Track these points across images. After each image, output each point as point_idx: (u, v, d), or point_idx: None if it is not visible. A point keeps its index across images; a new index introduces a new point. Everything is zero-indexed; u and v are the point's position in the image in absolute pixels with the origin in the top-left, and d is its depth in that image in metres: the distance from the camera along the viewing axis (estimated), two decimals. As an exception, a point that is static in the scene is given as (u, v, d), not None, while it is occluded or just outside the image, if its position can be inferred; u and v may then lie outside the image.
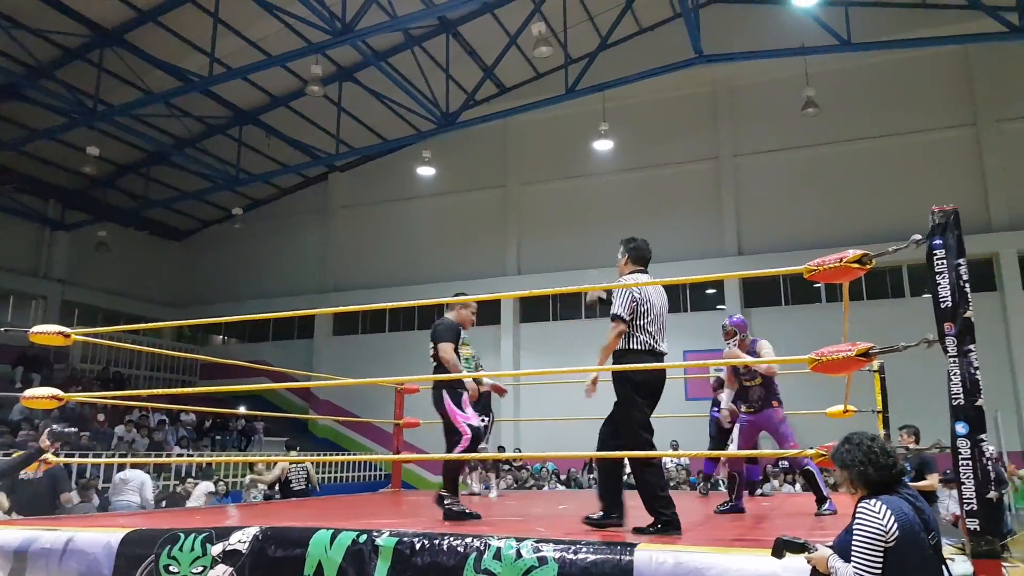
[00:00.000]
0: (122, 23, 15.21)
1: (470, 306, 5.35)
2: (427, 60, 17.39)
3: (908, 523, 2.40)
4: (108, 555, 4.05)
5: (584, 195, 20.14)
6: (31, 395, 5.12)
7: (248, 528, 3.93)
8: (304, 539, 3.70)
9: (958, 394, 3.16)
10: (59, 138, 17.49)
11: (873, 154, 17.56)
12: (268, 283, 23.22)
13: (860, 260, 3.47)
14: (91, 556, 4.09)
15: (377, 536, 3.56)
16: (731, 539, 3.92)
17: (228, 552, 3.84)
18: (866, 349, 3.40)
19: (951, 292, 3.27)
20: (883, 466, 2.51)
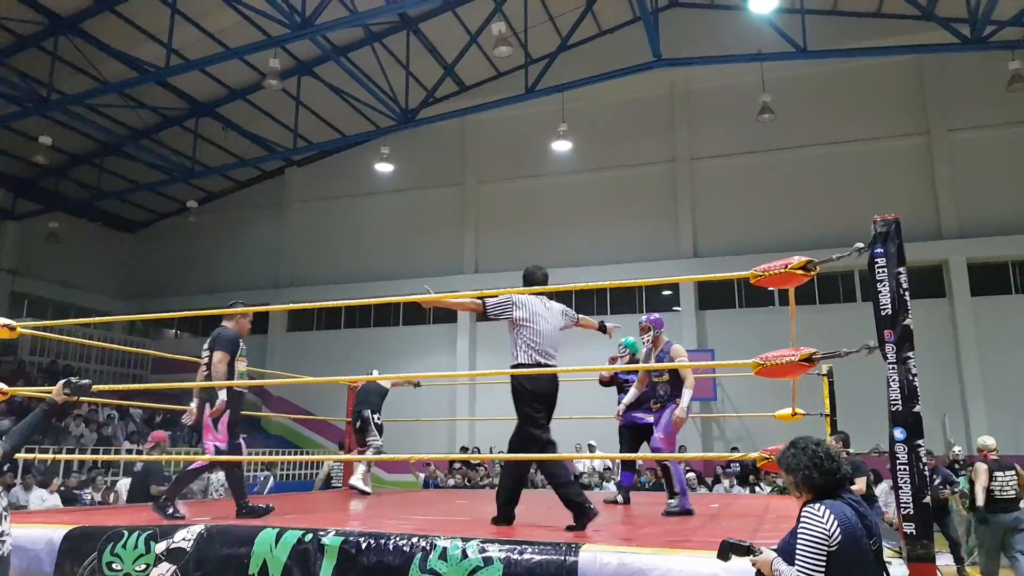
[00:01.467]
0: (78, 11, 14.80)
1: (248, 316, 5.45)
2: (387, 56, 17.28)
3: (851, 528, 2.45)
4: (50, 552, 3.99)
5: (542, 194, 20.22)
6: (-28, 388, 4.97)
7: (193, 526, 3.89)
8: (249, 537, 3.67)
9: (896, 400, 3.24)
10: (11, 126, 16.95)
11: (827, 160, 17.95)
12: (222, 277, 22.80)
13: (805, 267, 3.55)
14: (32, 553, 4.03)
15: (323, 535, 3.55)
16: (675, 540, 3.98)
17: (172, 550, 3.79)
18: (809, 354, 3.48)
19: (891, 300, 3.34)
20: (828, 471, 2.56)
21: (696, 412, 17.36)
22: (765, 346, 4.11)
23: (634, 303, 19.03)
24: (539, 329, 4.67)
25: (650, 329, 5.80)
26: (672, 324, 18.54)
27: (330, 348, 20.56)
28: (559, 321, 4.90)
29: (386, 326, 20.97)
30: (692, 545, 3.60)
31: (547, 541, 3.33)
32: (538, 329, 4.67)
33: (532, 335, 4.64)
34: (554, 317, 4.86)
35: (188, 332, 24.14)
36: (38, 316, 20.53)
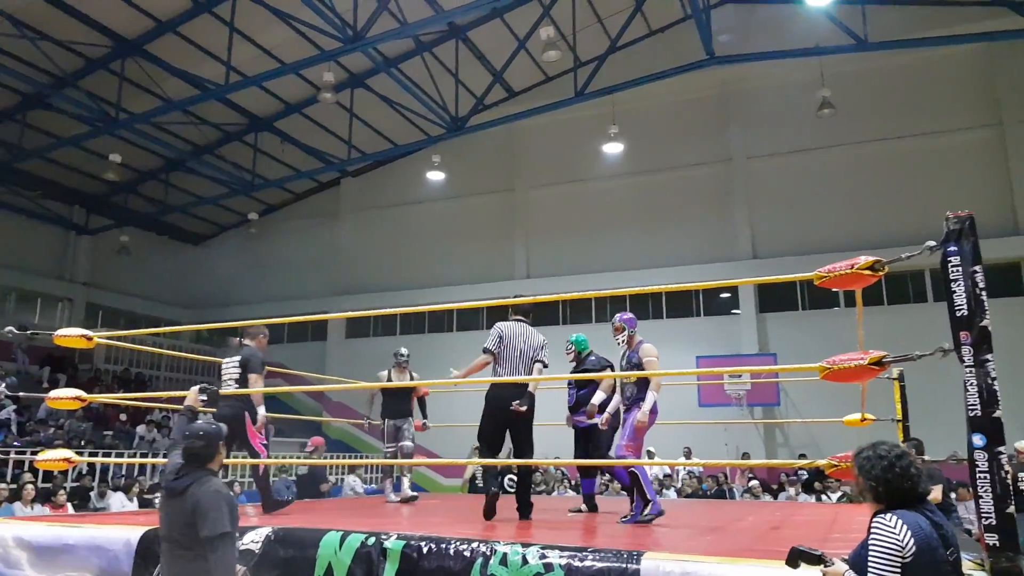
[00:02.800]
0: (142, 33, 15.41)
1: (265, 332, 6.31)
2: (437, 65, 17.46)
3: (925, 538, 2.35)
4: (128, 552, 4.14)
5: (593, 199, 20.09)
6: (56, 396, 5.24)
7: (261, 528, 3.98)
8: (315, 540, 3.74)
9: (975, 405, 3.11)
10: (83, 145, 17.74)
11: (891, 156, 17.35)
12: (282, 286, 23.38)
13: (872, 267, 3.44)
14: (111, 553, 4.19)
15: (385, 539, 3.60)
16: (740, 549, 3.89)
17: (241, 551, 3.89)
18: (879, 358, 3.37)
19: (967, 300, 3.22)
20: (902, 487, 2.46)
21: (759, 418, 17.01)
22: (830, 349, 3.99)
23: (691, 307, 18.75)
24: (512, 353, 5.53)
25: (623, 329, 5.65)
26: (731, 328, 18.23)
27: (386, 354, 20.80)
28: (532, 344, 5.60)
29: (440, 332, 21.15)
30: (757, 554, 3.51)
31: (609, 548, 3.29)
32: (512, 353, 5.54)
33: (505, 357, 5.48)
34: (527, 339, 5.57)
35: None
36: (111, 326, 21.39)
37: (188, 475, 3.30)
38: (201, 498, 3.17)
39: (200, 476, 3.29)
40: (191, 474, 3.30)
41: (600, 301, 19.22)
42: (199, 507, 3.15)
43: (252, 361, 5.81)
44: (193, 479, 3.27)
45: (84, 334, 5.31)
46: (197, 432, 3.36)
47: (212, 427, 3.44)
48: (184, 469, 3.33)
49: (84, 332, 5.33)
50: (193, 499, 3.18)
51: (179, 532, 3.21)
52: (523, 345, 5.43)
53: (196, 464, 3.33)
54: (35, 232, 20.59)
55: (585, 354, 6.42)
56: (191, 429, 3.41)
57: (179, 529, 3.21)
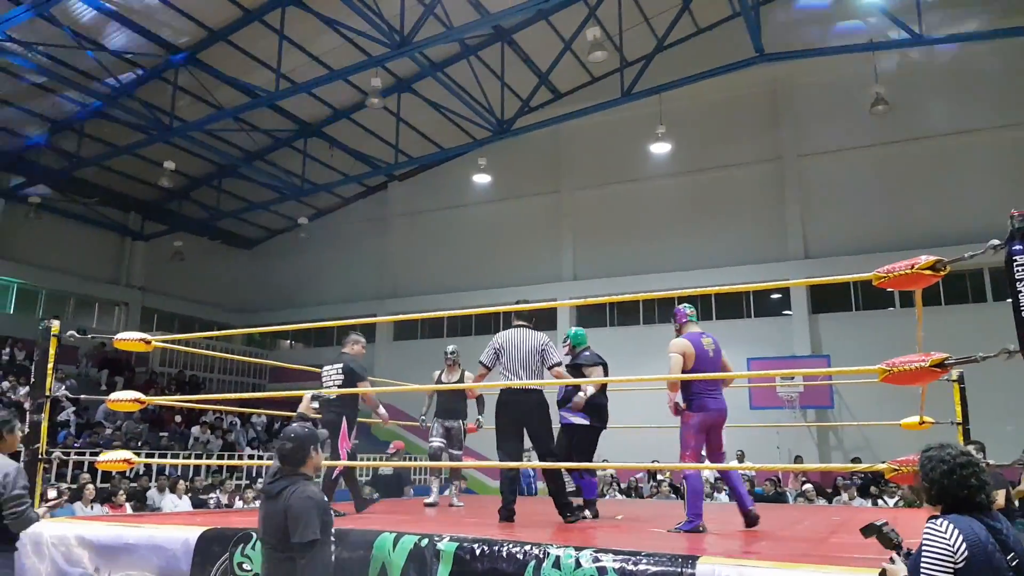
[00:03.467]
0: (195, 43, 15.85)
1: (361, 341, 6.49)
2: (482, 69, 17.55)
3: (979, 544, 2.29)
4: (186, 551, 4.24)
5: (640, 199, 19.93)
6: (115, 398, 5.39)
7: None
8: (368, 541, 3.78)
9: (1040, 407, 3.01)
10: (138, 153, 18.31)
11: (948, 152, 16.81)
12: (331, 289, 23.76)
13: (933, 267, 3.34)
14: (170, 552, 4.28)
15: (439, 540, 3.62)
16: (796, 555, 3.81)
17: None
18: (941, 360, 3.27)
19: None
20: (956, 495, 2.40)
21: (812, 420, 16.64)
22: (884, 351, 3.89)
23: (741, 308, 18.45)
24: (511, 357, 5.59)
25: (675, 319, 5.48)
26: (783, 329, 17.88)
27: (434, 356, 20.95)
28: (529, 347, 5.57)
29: (487, 334, 21.15)
30: (813, 559, 3.43)
31: (663, 553, 3.26)
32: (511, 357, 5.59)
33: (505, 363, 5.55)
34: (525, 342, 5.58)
35: (301, 343, 25.26)
36: (166, 330, 22.00)
37: (283, 478, 3.34)
38: (293, 504, 3.20)
39: (295, 480, 3.32)
40: (286, 478, 3.34)
41: (648, 303, 19.05)
42: (291, 513, 3.19)
43: (358, 370, 6.08)
44: (287, 483, 3.31)
45: (143, 338, 5.45)
46: (289, 435, 3.41)
47: (304, 430, 3.47)
48: (279, 472, 3.38)
49: (143, 336, 5.48)
50: (286, 504, 3.22)
51: (272, 535, 3.27)
52: (525, 348, 5.48)
53: (290, 467, 3.37)
54: (92, 238, 21.37)
55: (580, 349, 6.24)
56: (284, 432, 3.47)
57: (272, 532, 3.27)
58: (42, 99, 16.77)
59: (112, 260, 22.15)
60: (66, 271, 20.47)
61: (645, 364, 18.47)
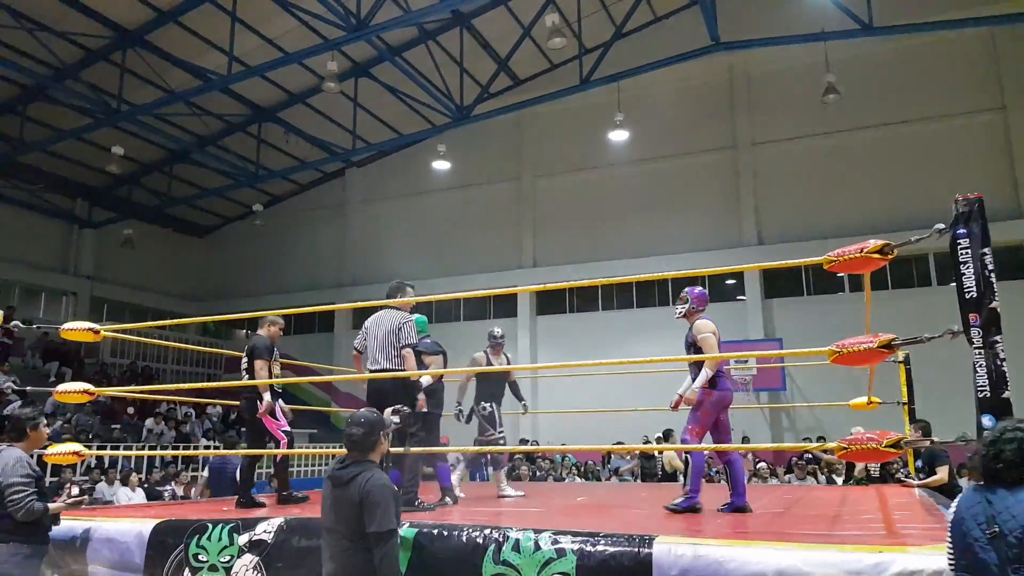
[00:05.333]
0: (143, 23, 15.37)
1: (278, 323, 6.19)
2: (441, 54, 17.41)
3: (959, 514, 2.49)
4: (140, 544, 4.17)
5: (599, 186, 20.06)
6: (64, 389, 5.24)
7: (273, 519, 4.01)
8: (328, 530, 3.74)
9: (984, 386, 3.14)
10: (84, 138, 17.75)
11: (896, 141, 17.28)
12: (288, 277, 23.45)
13: (881, 250, 3.43)
14: (124, 545, 4.22)
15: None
16: (749, 532, 3.91)
17: (254, 541, 3.92)
18: (888, 340, 3.37)
19: (976, 282, 3.24)
20: (989, 467, 2.49)
21: (764, 402, 17.03)
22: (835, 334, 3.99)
23: (696, 293, 18.73)
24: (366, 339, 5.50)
25: (686, 300, 5.50)
26: (738, 313, 18.21)
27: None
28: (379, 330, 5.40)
29: (447, 321, 21.18)
30: (767, 536, 3.52)
31: (620, 533, 3.31)
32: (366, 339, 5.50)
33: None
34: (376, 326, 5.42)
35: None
36: (117, 319, 21.45)
37: (353, 465, 3.26)
38: (370, 492, 3.13)
39: (366, 467, 3.24)
40: (356, 464, 3.26)
41: (607, 289, 19.25)
42: (367, 501, 3.11)
43: (257, 347, 5.81)
44: (359, 470, 3.23)
45: (91, 327, 5.31)
46: (358, 419, 3.33)
47: (373, 415, 3.42)
48: (348, 458, 3.30)
49: (91, 325, 5.32)
50: (361, 492, 3.14)
51: (344, 524, 3.18)
52: (379, 332, 5.29)
53: (358, 453, 3.29)
54: (38, 226, 20.63)
55: (421, 336, 6.04)
56: (352, 417, 3.38)
57: (344, 521, 3.17)
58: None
59: (59, 248, 21.44)
60: (10, 260, 19.75)
61: (605, 349, 18.73)
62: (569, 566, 3.19)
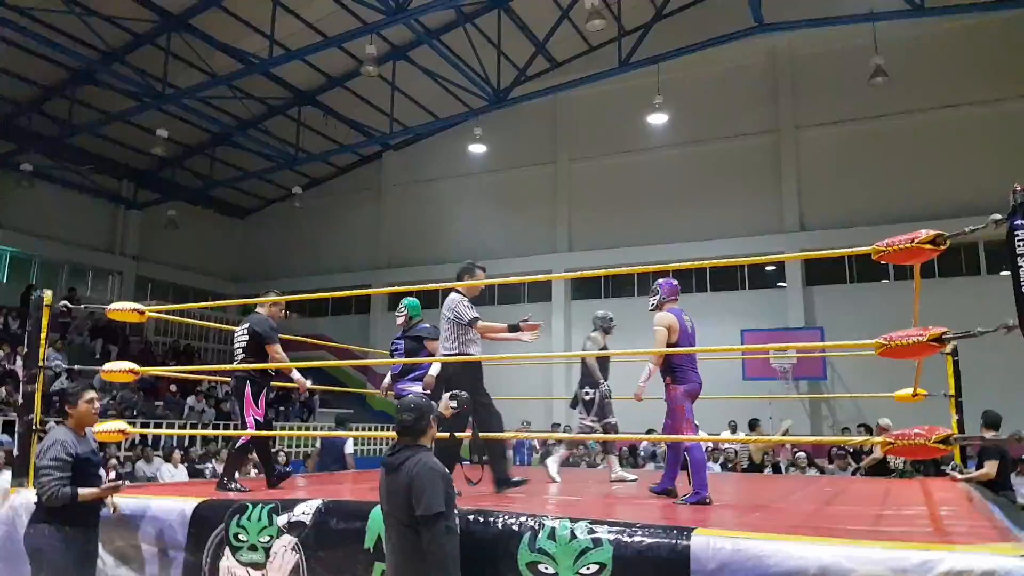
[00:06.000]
0: (187, 7, 15.56)
1: (280, 303, 5.87)
2: (479, 37, 17.29)
3: None
4: (182, 523, 4.25)
5: (636, 171, 19.82)
6: (110, 368, 5.34)
7: (311, 500, 4.05)
8: (364, 512, 3.79)
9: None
10: (131, 120, 18.13)
11: (945, 125, 16.71)
12: (325, 259, 23.71)
13: (934, 241, 3.32)
14: (166, 523, 4.30)
15: (434, 512, 3.62)
16: (792, 525, 3.85)
17: (293, 523, 3.97)
18: (939, 334, 3.25)
19: (1034, 275, 3.09)
20: None
21: (804, 391, 16.76)
22: (878, 323, 3.89)
23: (736, 280, 18.48)
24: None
25: (657, 292, 5.40)
26: (778, 301, 17.91)
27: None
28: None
29: (481, 305, 21.14)
30: (809, 531, 3.46)
31: (658, 524, 3.27)
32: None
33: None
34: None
35: (296, 312, 25.24)
36: (160, 299, 21.95)
37: (403, 450, 3.29)
38: (417, 475, 3.16)
39: (416, 452, 3.27)
40: (406, 449, 3.29)
41: (643, 276, 19.03)
42: (415, 485, 3.14)
43: (265, 333, 5.47)
44: (408, 454, 3.26)
45: (136, 308, 5.39)
46: (408, 405, 3.36)
47: (423, 400, 3.45)
48: (398, 444, 3.33)
49: (136, 306, 5.41)
50: (409, 476, 3.18)
51: (399, 509, 3.21)
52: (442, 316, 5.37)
53: (410, 438, 3.32)
54: (85, 206, 21.18)
55: (416, 320, 6.08)
56: (402, 403, 3.41)
57: (398, 506, 3.21)
58: (32, 65, 16.50)
59: (106, 228, 22.00)
60: (59, 239, 20.32)
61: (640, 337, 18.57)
62: (605, 556, 3.17)
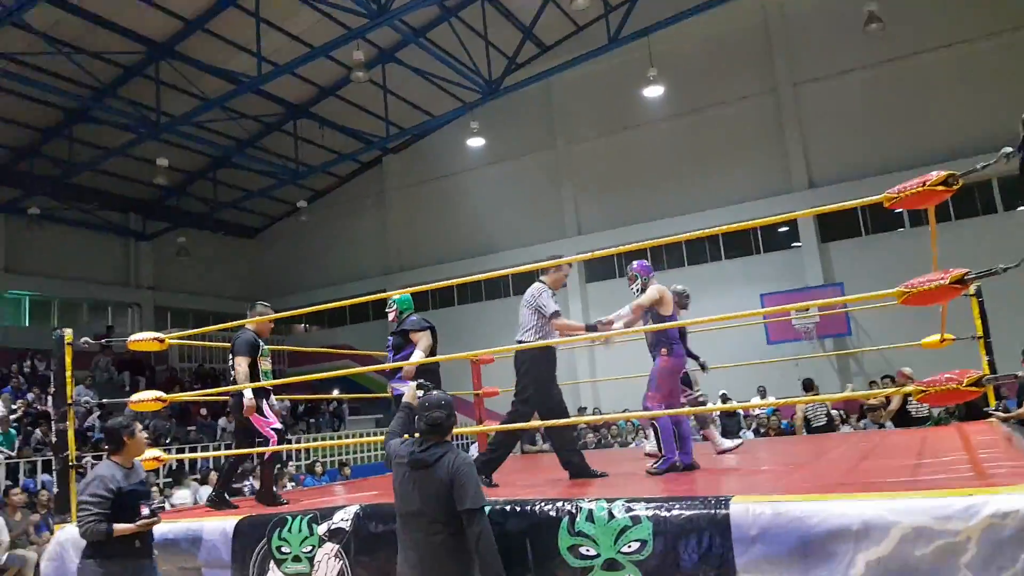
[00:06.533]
0: (172, 34, 15.60)
1: (267, 312, 5.66)
2: (465, 30, 17.21)
3: None
4: (225, 540, 4.29)
5: (637, 147, 19.70)
6: (137, 399, 5.41)
7: (349, 507, 4.06)
8: (402, 513, 3.78)
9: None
10: (130, 153, 18.23)
11: (947, 65, 16.44)
12: (336, 269, 23.80)
13: (945, 182, 3.25)
14: (211, 543, 4.34)
15: (471, 506, 3.62)
16: (828, 485, 3.81)
17: (333, 530, 3.99)
18: (961, 275, 3.19)
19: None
20: None
21: (830, 350, 16.63)
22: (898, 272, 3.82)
23: (750, 245, 18.35)
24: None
25: (636, 278, 5.43)
26: (794, 261, 17.76)
27: (447, 325, 21.01)
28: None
29: (498, 298, 21.23)
30: (848, 488, 3.42)
31: (695, 496, 3.25)
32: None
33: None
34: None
35: (315, 325, 25.39)
36: (181, 325, 22.15)
37: (434, 447, 3.28)
38: (460, 470, 3.15)
39: (448, 448, 3.27)
40: (437, 445, 3.28)
41: (656, 251, 18.93)
42: (458, 479, 3.12)
43: (237, 344, 5.40)
44: (443, 450, 3.25)
45: (156, 337, 5.43)
46: (438, 402, 3.34)
47: (448, 397, 3.44)
48: (426, 441, 3.31)
49: (156, 335, 5.46)
50: (450, 472, 3.15)
51: (433, 507, 3.17)
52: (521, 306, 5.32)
53: (439, 435, 3.31)
54: (97, 243, 21.39)
55: (407, 314, 5.88)
56: (430, 400, 3.38)
57: (433, 503, 3.17)
58: (26, 109, 16.63)
59: (119, 262, 22.21)
60: (75, 278, 20.55)
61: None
62: (645, 532, 3.15)
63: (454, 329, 20.69)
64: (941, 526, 2.73)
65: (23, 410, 13.38)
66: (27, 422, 12.73)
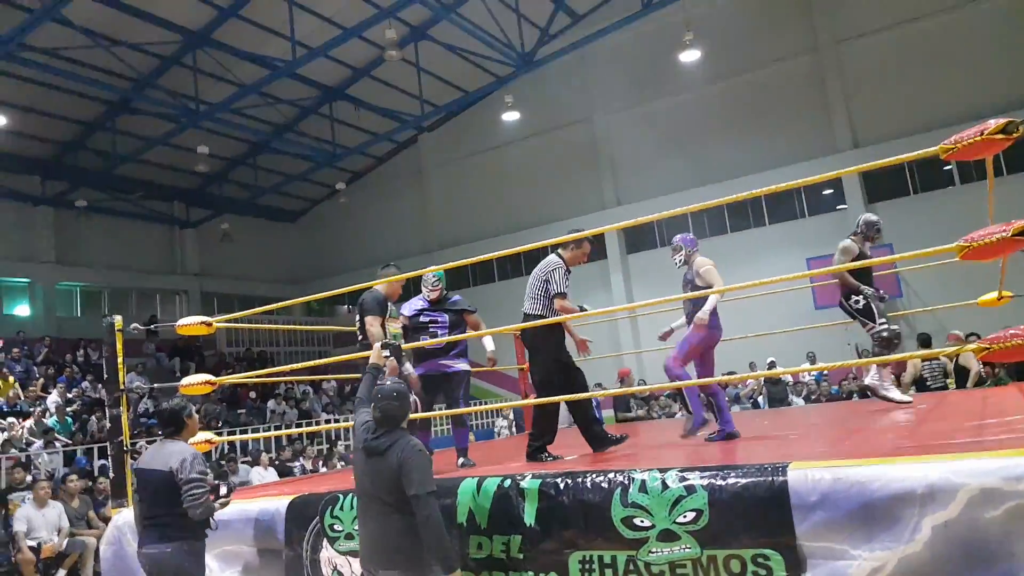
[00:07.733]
0: (207, 23, 15.74)
1: (394, 283, 5.25)
2: (496, 3, 16.96)
3: None
4: (279, 520, 4.35)
5: (676, 113, 19.31)
6: (187, 383, 5.51)
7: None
8: (452, 489, 3.79)
9: None
10: (171, 142, 18.56)
11: (995, 16, 15.70)
12: (377, 250, 23.91)
13: (1005, 129, 3.09)
14: (265, 523, 4.40)
15: (521, 480, 3.61)
16: (887, 449, 3.70)
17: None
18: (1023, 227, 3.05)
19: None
20: None
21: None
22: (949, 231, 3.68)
23: (793, 208, 17.94)
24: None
25: (681, 248, 5.47)
26: (840, 224, 17.26)
27: (486, 301, 21.06)
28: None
29: (538, 273, 21.13)
30: (910, 451, 3.32)
31: (751, 464, 3.18)
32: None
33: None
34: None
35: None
36: (227, 310, 22.55)
37: (386, 434, 3.40)
38: (408, 457, 3.27)
39: (399, 435, 3.39)
40: (389, 433, 3.40)
41: (697, 218, 18.60)
42: (406, 466, 3.24)
43: (365, 303, 5.06)
44: (393, 438, 3.36)
45: (204, 320, 5.53)
46: (391, 393, 3.44)
47: (402, 386, 3.54)
48: (379, 429, 3.43)
49: (203, 319, 5.55)
50: (399, 458, 3.27)
51: (385, 491, 3.31)
52: (533, 276, 5.21)
53: (391, 424, 3.42)
54: (143, 232, 21.91)
55: (448, 292, 5.86)
56: (383, 391, 3.46)
57: (385, 488, 3.30)
58: (69, 103, 16.99)
59: (165, 250, 22.74)
60: (124, 268, 21.09)
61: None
62: (701, 502, 3.10)
63: (496, 304, 20.76)
64: (1011, 487, 2.63)
65: (78, 399, 13.80)
66: (82, 411, 13.12)
